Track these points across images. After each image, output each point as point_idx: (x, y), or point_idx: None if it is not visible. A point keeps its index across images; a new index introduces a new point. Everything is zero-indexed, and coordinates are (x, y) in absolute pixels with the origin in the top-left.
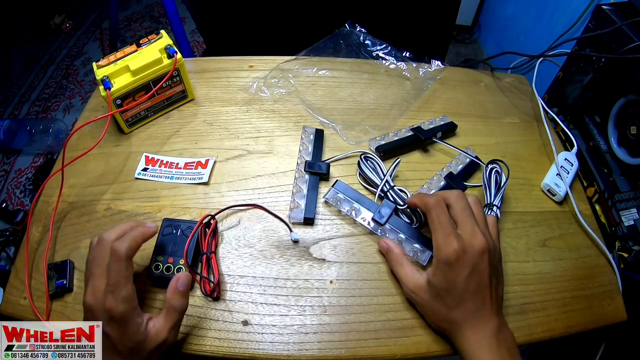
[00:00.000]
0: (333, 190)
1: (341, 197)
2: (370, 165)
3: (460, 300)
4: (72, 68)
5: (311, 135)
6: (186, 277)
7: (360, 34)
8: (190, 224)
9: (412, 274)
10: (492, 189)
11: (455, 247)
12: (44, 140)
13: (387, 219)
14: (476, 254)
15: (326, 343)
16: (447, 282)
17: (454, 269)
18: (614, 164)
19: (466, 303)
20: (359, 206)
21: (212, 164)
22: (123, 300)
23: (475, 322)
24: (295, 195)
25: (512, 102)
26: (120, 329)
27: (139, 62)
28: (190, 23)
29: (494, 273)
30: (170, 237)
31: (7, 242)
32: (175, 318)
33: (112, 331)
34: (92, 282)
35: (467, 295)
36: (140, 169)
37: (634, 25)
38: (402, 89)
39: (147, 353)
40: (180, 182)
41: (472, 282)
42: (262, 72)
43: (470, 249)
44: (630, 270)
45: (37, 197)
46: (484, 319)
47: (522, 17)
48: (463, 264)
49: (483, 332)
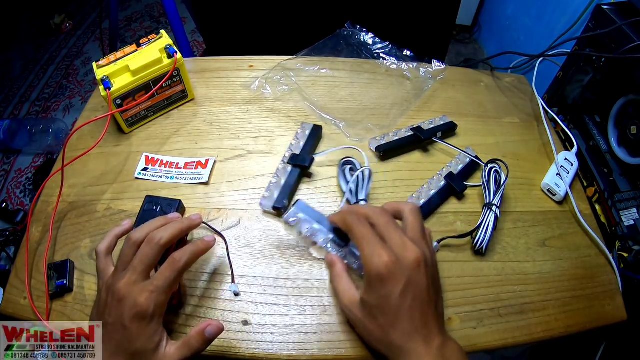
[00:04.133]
0: (293, 209)
1: (301, 217)
2: (350, 174)
3: (395, 320)
4: (72, 68)
5: (307, 131)
6: (217, 328)
7: (360, 33)
8: (170, 202)
9: (349, 289)
10: (492, 189)
11: (385, 259)
12: (44, 140)
13: (346, 240)
14: (410, 266)
15: (326, 343)
16: (380, 300)
17: (386, 284)
18: (614, 164)
19: (402, 323)
20: (320, 227)
21: (212, 164)
22: (157, 304)
23: (414, 344)
24: (272, 184)
25: (512, 102)
26: (140, 327)
27: (139, 62)
28: (190, 23)
29: (432, 286)
30: (150, 212)
31: (7, 242)
32: (186, 355)
33: (133, 326)
34: (130, 275)
35: (403, 313)
36: (141, 169)
37: (634, 25)
38: (402, 88)
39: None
40: (180, 182)
41: (407, 298)
42: (263, 71)
43: (402, 260)
44: (630, 270)
45: (37, 197)
46: (424, 340)
47: (522, 17)
48: (396, 278)
49: (426, 355)
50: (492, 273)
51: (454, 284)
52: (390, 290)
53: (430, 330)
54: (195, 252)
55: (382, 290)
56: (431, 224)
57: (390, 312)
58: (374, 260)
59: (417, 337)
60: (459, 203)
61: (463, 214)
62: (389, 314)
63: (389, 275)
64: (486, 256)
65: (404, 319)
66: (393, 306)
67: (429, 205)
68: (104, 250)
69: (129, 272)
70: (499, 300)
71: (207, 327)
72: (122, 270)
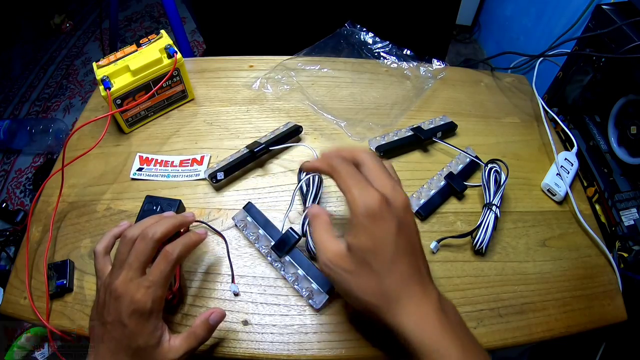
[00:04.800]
0: (241, 212)
1: (249, 221)
2: (306, 180)
3: (392, 262)
4: (72, 68)
5: (284, 128)
6: (220, 315)
7: (360, 32)
8: (170, 202)
9: (332, 240)
10: (492, 189)
11: (378, 195)
12: (44, 140)
13: (286, 250)
14: (401, 208)
15: (326, 343)
16: (373, 240)
17: (379, 222)
18: (614, 164)
19: (400, 265)
20: (264, 233)
21: (208, 160)
22: (154, 299)
23: (412, 289)
24: (224, 160)
25: (512, 102)
26: (139, 323)
27: (139, 62)
28: (190, 23)
29: (419, 237)
30: (150, 212)
31: (7, 242)
32: (192, 345)
33: (132, 323)
34: (126, 272)
35: (400, 254)
36: (136, 169)
37: (634, 25)
38: (403, 88)
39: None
40: (177, 180)
41: (402, 238)
42: (263, 71)
43: (394, 201)
44: (630, 270)
45: (37, 197)
46: (422, 287)
47: (522, 17)
48: (388, 217)
49: (427, 303)
50: (492, 273)
51: (454, 283)
52: (383, 228)
53: (425, 279)
54: (187, 244)
55: (375, 228)
56: (431, 224)
57: (386, 254)
58: (365, 199)
59: (414, 283)
60: (459, 203)
61: (463, 214)
62: (384, 256)
63: (382, 213)
64: (486, 256)
65: (402, 260)
66: (389, 246)
67: (429, 205)
68: (102, 250)
69: (125, 269)
70: (499, 300)
71: (211, 315)
72: (119, 268)
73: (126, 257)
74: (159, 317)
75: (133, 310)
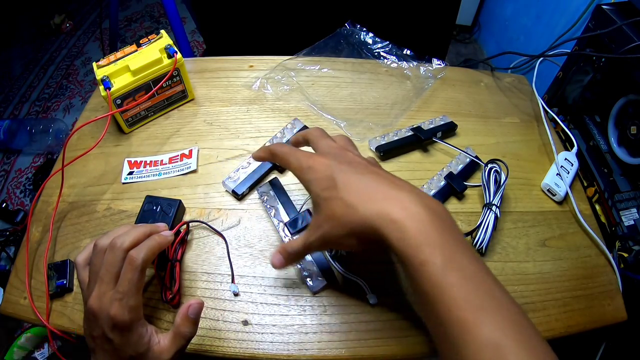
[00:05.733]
0: (266, 184)
1: (271, 194)
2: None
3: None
4: (72, 68)
5: (296, 128)
6: (198, 306)
7: (360, 32)
8: (170, 202)
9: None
10: (492, 189)
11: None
12: (44, 140)
13: (298, 230)
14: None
15: (326, 343)
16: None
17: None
18: (614, 164)
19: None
20: (282, 209)
21: (197, 152)
22: (130, 309)
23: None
24: (242, 169)
25: (512, 102)
26: (123, 336)
27: (139, 62)
28: (190, 23)
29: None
30: (150, 212)
31: (7, 242)
32: (181, 344)
33: (116, 338)
34: (98, 287)
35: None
36: (126, 174)
37: (634, 25)
38: (403, 87)
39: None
40: (170, 176)
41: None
42: (263, 71)
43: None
44: (630, 270)
45: (37, 197)
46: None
47: (522, 17)
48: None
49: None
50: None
51: None
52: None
53: (401, 184)
54: (151, 247)
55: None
56: None
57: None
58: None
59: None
60: (459, 203)
61: (463, 214)
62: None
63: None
64: (486, 256)
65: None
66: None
67: None
68: (82, 262)
69: (97, 283)
70: None
71: (189, 310)
72: (93, 282)
73: (99, 269)
74: (142, 324)
75: (112, 325)
